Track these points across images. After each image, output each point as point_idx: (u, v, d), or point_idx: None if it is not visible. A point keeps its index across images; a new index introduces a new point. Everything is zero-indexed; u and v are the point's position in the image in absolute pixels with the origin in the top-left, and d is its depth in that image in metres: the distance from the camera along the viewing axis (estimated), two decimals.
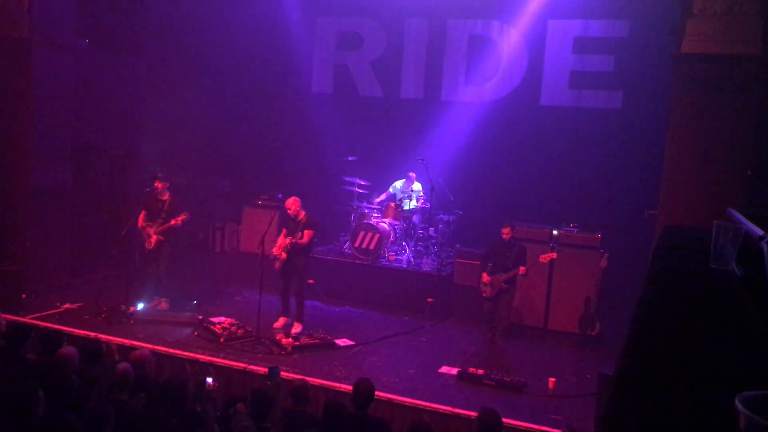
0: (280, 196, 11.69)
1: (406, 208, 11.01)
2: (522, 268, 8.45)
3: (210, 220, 12.83)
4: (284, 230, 8.74)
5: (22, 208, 9.63)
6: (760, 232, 2.30)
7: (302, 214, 8.62)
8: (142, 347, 6.88)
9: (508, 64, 11.57)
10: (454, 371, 7.70)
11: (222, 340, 8.08)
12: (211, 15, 11.91)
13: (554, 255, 8.81)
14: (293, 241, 8.46)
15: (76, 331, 8.00)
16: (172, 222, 8.93)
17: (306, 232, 8.49)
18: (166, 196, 9.10)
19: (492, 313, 8.80)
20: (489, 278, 8.64)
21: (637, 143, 10.27)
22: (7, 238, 9.55)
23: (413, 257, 10.66)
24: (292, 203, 8.63)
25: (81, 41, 10.26)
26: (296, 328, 8.64)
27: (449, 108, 11.93)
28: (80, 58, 10.19)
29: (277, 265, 8.65)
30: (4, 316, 6.58)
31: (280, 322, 8.83)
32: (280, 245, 8.61)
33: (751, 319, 1.97)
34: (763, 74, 7.57)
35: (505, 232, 8.65)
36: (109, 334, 8.01)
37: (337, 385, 6.95)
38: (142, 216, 9.07)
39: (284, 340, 8.09)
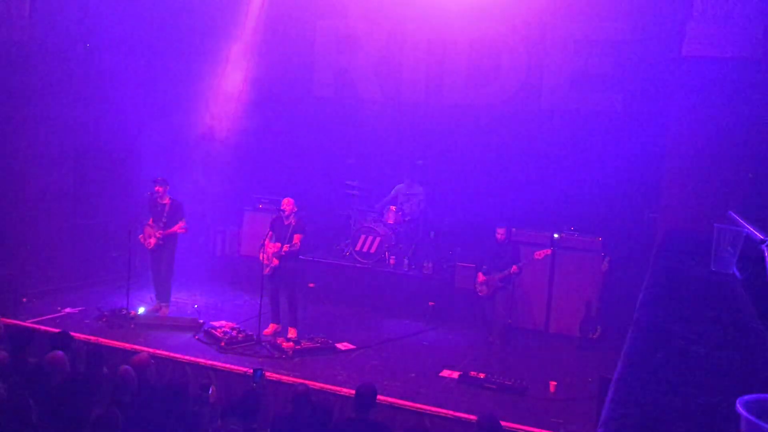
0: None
1: (407, 211, 11.00)
2: (514, 267, 8.51)
3: (210, 223, 12.81)
4: (270, 234, 8.65)
5: (22, 212, 9.64)
6: (760, 235, 2.30)
7: (293, 217, 8.63)
8: (142, 351, 6.88)
9: (509, 66, 11.55)
10: (456, 375, 7.69)
11: (223, 344, 8.06)
12: (208, 16, 11.90)
13: (549, 251, 8.81)
14: (289, 247, 8.44)
15: (77, 335, 7.99)
16: (175, 228, 8.97)
17: (296, 236, 8.48)
18: (166, 200, 9.11)
19: (490, 314, 8.84)
20: (484, 277, 8.71)
21: (637, 146, 10.23)
22: (7, 242, 9.55)
23: (414, 260, 10.64)
24: (287, 204, 8.63)
25: (81, 44, 10.27)
26: (291, 333, 8.60)
27: (449, 111, 11.90)
28: (80, 61, 10.20)
29: (267, 270, 8.60)
30: (4, 320, 6.59)
31: (271, 328, 8.73)
32: (269, 251, 8.58)
33: (751, 321, 1.97)
34: (763, 77, 7.57)
35: (500, 233, 8.76)
36: (109, 338, 8.01)
37: (339, 389, 6.94)
38: (149, 228, 9.10)
39: (285, 344, 8.07)
